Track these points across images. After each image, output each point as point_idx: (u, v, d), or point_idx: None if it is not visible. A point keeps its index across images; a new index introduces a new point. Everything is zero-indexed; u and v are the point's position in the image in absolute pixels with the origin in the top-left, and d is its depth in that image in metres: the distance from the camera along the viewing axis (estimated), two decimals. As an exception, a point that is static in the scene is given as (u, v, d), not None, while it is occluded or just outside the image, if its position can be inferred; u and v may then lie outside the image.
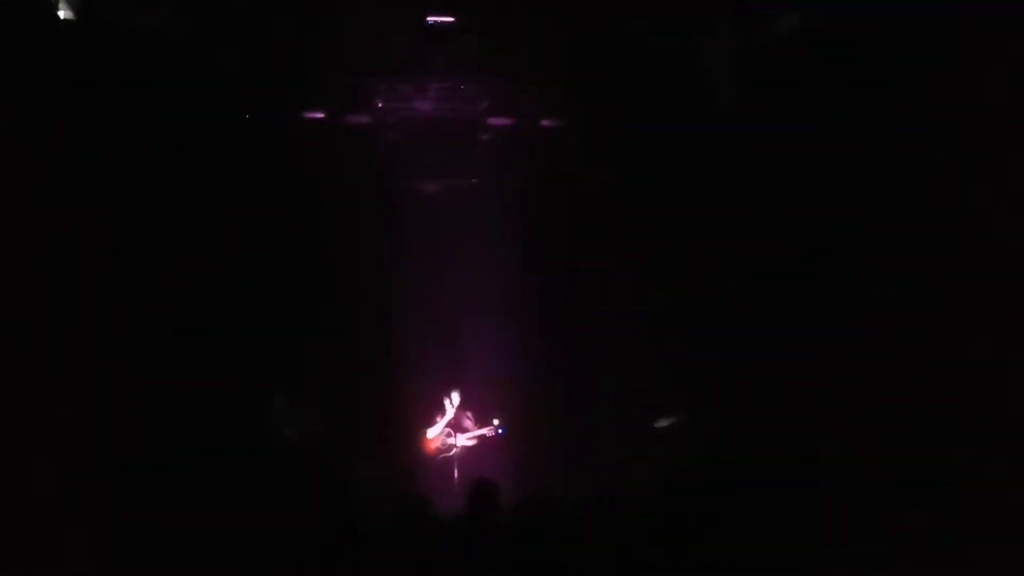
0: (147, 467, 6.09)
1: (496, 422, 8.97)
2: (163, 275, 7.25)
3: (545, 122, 9.19)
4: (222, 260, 8.01)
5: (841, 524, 4.12)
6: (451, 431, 8.91)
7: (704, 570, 3.70)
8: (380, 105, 8.93)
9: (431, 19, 7.99)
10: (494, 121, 9.16)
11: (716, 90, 8.32)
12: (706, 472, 4.11)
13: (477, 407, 9.09)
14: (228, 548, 4.59)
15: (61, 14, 7.08)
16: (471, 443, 8.89)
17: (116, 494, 5.61)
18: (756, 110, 7.75)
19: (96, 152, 6.73)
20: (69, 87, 6.63)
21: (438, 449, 8.86)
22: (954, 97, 5.49)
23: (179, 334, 7.35)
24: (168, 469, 6.20)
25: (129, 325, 6.74)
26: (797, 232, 7.08)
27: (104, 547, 4.58)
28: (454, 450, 8.86)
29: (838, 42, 6.77)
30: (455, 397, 9.00)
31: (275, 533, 4.60)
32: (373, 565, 4.33)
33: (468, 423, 8.97)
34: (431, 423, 8.93)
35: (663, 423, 8.43)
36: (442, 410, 8.97)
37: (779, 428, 6.52)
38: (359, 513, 5.10)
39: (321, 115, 8.89)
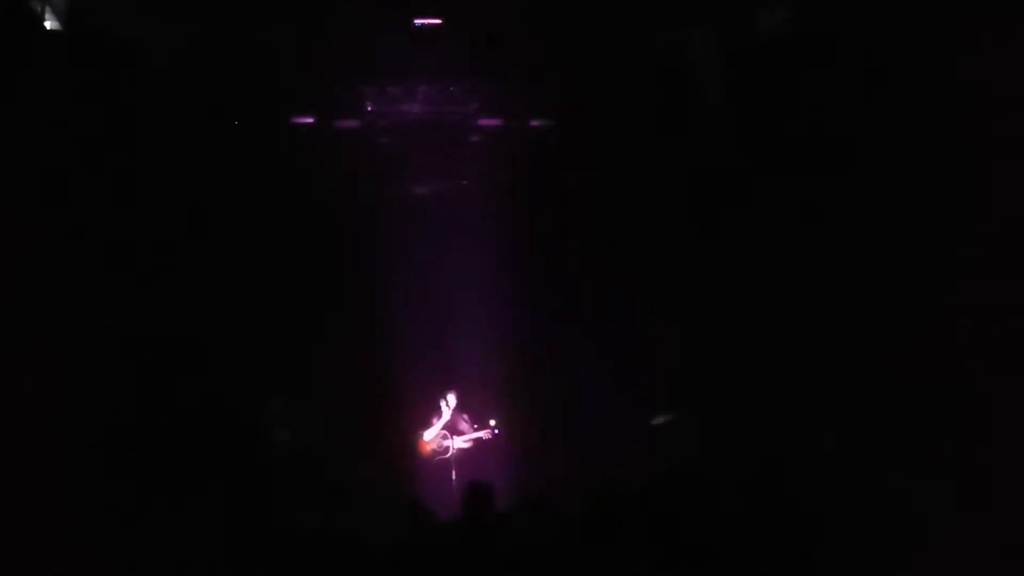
0: (140, 472, 6.07)
1: (492, 423, 8.97)
2: (155, 281, 7.23)
3: (534, 122, 9.20)
4: (214, 265, 7.99)
5: (834, 524, 4.13)
6: (447, 433, 8.91)
7: (698, 570, 3.71)
8: (369, 109, 8.94)
9: (418, 22, 8.00)
10: (483, 122, 9.19)
11: (704, 87, 8.34)
12: (700, 471, 4.13)
13: (473, 409, 9.09)
14: (223, 553, 4.58)
15: (47, 24, 7.06)
16: (468, 445, 8.90)
17: (110, 500, 5.59)
18: (744, 107, 7.76)
19: (85, 159, 6.72)
20: (56, 96, 6.60)
21: (434, 451, 8.86)
22: (942, 91, 5.50)
23: (172, 339, 7.33)
24: (162, 474, 6.18)
25: (121, 331, 6.72)
26: (789, 228, 7.10)
27: (99, 555, 4.56)
28: (450, 452, 8.86)
29: (825, 37, 6.78)
30: (451, 399, 9.01)
31: (271, 537, 4.59)
32: (369, 568, 4.34)
33: (464, 425, 8.97)
34: (427, 425, 8.94)
35: (659, 420, 8.44)
36: (438, 412, 8.98)
37: (774, 428, 6.54)
38: (355, 516, 5.09)
39: (310, 120, 8.89)
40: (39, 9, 6.95)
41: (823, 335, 6.49)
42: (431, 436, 8.90)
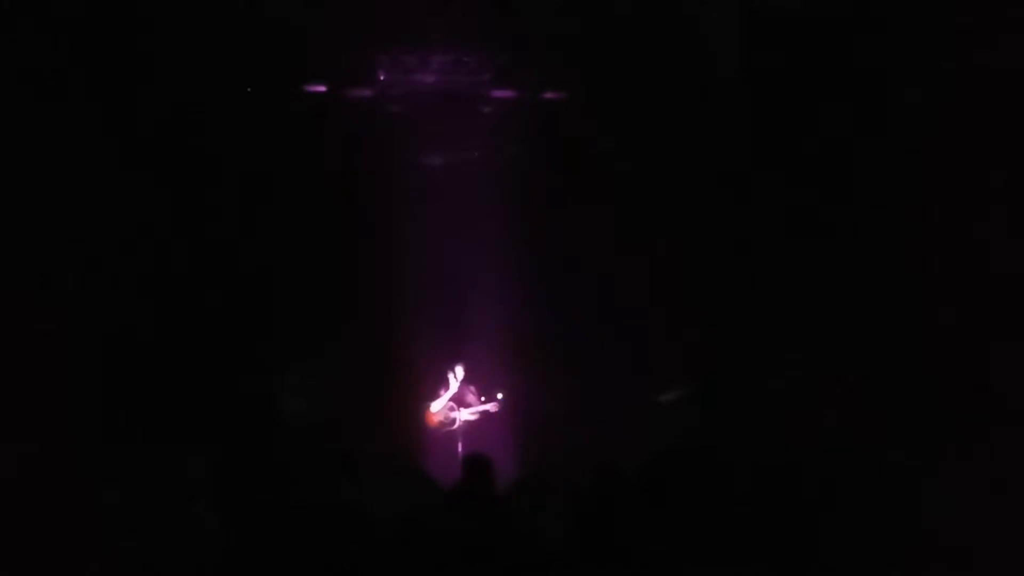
0: (148, 443, 6.12)
1: (500, 396, 8.99)
2: (164, 251, 7.25)
3: (548, 94, 9.13)
4: (224, 235, 7.99)
5: (839, 509, 4.11)
6: (454, 405, 8.94)
7: (698, 548, 3.71)
8: (382, 78, 8.89)
9: (433, -9, 7.95)
10: (497, 93, 9.12)
11: (720, 58, 8.25)
12: (704, 448, 4.12)
13: (481, 381, 9.10)
14: (229, 521, 4.61)
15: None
16: (474, 417, 8.92)
17: (115, 465, 5.64)
18: (761, 78, 7.68)
19: (99, 129, 6.72)
20: (70, 63, 6.59)
21: (441, 423, 8.89)
22: (958, 70, 5.44)
23: (182, 311, 7.36)
24: (169, 443, 6.23)
25: (132, 303, 6.75)
26: (803, 203, 7.05)
27: (101, 522, 4.61)
28: (457, 424, 8.89)
29: (843, 7, 6.71)
30: (459, 371, 9.03)
31: (277, 506, 4.62)
32: (374, 538, 4.36)
33: (471, 397, 9.00)
34: (435, 397, 8.96)
35: (668, 396, 8.44)
36: (446, 384, 9.00)
37: (778, 409, 6.53)
38: (361, 486, 5.12)
39: (323, 89, 8.85)
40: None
41: (831, 315, 6.46)
42: (438, 408, 8.92)
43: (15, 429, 5.27)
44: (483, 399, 9.00)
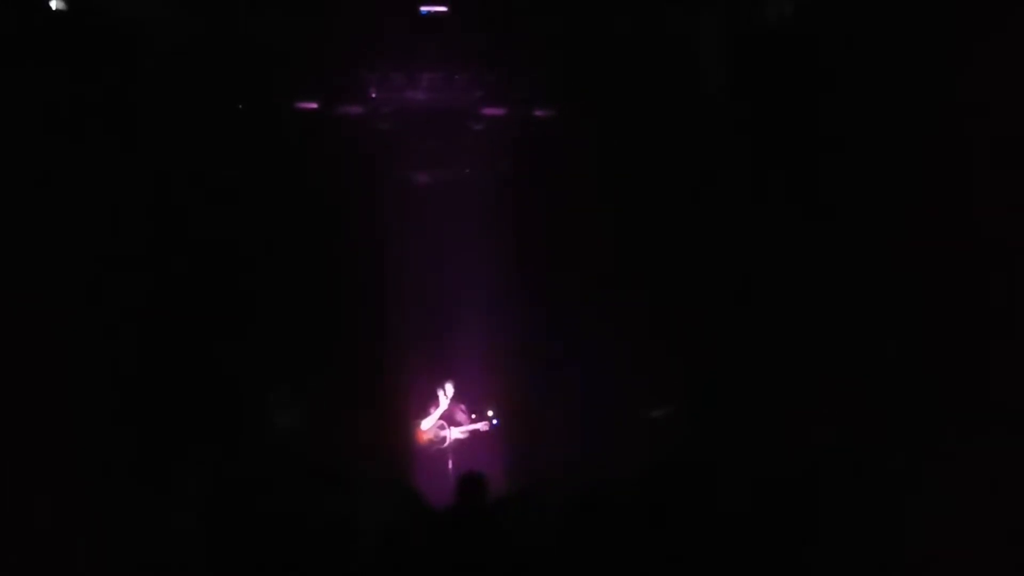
0: (137, 461, 6.07)
1: (490, 414, 8.97)
2: (153, 266, 7.21)
3: (538, 111, 9.16)
4: (211, 251, 7.96)
5: (831, 520, 4.09)
6: (444, 423, 8.91)
7: (691, 561, 3.69)
8: (373, 95, 8.91)
9: (424, 9, 7.98)
10: (487, 111, 9.14)
11: (710, 77, 8.29)
12: (695, 463, 4.11)
13: (471, 399, 9.08)
14: (219, 536, 4.58)
15: (53, 4, 7.04)
16: (464, 436, 8.90)
17: (106, 489, 5.59)
18: (750, 97, 7.72)
19: (87, 143, 6.70)
20: (60, 78, 6.58)
21: (431, 441, 8.86)
22: (945, 80, 5.48)
23: (169, 327, 7.31)
24: (159, 463, 6.18)
25: (117, 319, 6.70)
26: (792, 221, 7.07)
27: (91, 535, 4.57)
28: (447, 442, 8.86)
29: (830, 25, 6.76)
30: (448, 389, 9.01)
31: (267, 522, 4.59)
32: (365, 556, 4.34)
33: (461, 415, 8.97)
34: (425, 415, 8.93)
35: (657, 413, 8.42)
36: (435, 402, 8.97)
37: (771, 422, 6.51)
38: (351, 504, 5.09)
39: (314, 106, 8.86)
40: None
41: (820, 326, 6.47)
42: (428, 426, 8.90)
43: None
44: (473, 417, 8.98)
